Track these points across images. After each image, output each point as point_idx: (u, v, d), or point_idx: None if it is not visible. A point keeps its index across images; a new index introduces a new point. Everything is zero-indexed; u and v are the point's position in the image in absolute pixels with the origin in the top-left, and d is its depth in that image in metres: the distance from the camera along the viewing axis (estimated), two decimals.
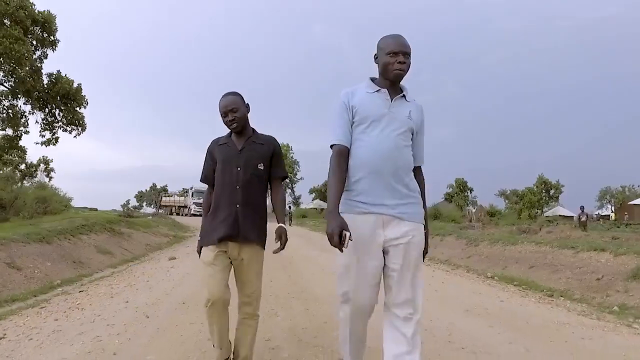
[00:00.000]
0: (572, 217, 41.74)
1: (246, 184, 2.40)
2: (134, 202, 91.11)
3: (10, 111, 16.33)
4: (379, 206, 2.01)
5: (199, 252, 2.49)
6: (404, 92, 2.15)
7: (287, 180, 55.62)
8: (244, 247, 2.39)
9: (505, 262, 8.75)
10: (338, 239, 1.80)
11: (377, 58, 2.14)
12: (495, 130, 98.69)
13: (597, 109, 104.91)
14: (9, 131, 17.14)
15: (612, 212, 42.17)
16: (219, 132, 2.67)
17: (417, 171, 2.22)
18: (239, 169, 2.41)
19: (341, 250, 1.85)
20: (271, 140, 2.57)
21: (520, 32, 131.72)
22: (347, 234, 1.80)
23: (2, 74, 15.94)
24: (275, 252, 2.38)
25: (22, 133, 17.00)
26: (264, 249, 2.47)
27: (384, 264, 2.04)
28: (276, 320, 3.79)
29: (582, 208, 16.23)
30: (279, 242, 2.42)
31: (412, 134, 2.15)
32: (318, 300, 4.58)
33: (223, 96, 2.48)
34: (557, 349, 3.36)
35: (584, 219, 15.17)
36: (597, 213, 46.68)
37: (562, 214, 41.99)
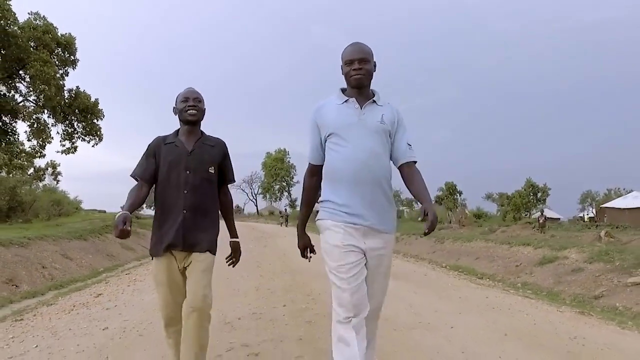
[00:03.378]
0: (559, 218, 44.01)
1: (195, 189, 2.26)
2: None
3: (36, 125, 18.31)
4: (360, 216, 2.03)
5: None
6: (374, 98, 2.14)
7: (285, 184, 57.66)
8: (192, 255, 2.27)
9: (459, 255, 10.77)
10: (303, 254, 2.31)
11: (342, 68, 2.17)
12: (490, 133, 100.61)
13: (591, 112, 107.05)
14: (34, 141, 19.11)
15: (593, 214, 44.26)
16: (216, 133, 2.53)
17: (411, 168, 2.11)
18: (188, 172, 2.26)
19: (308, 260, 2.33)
20: (221, 143, 2.45)
21: (517, 34, 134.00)
22: (310, 254, 2.31)
23: (30, 91, 17.97)
24: (229, 262, 2.49)
25: (46, 143, 18.97)
26: (214, 254, 2.35)
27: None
28: (274, 282, 6.04)
29: (542, 211, 18.48)
30: (234, 257, 2.48)
31: (390, 136, 2.12)
32: (301, 274, 6.75)
33: (187, 88, 2.41)
34: (436, 293, 5.55)
35: (542, 220, 17.37)
36: (581, 215, 48.95)
37: (549, 216, 44.09)
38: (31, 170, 33.24)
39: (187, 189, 2.24)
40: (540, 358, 2.85)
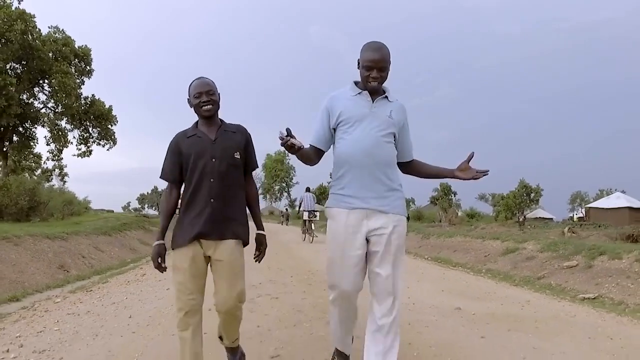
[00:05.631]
0: (552, 218, 45.43)
1: (222, 176, 2.24)
2: (134, 204, 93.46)
3: (56, 131, 19.74)
4: (361, 199, 2.16)
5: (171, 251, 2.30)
6: (385, 94, 2.27)
7: (285, 185, 59.13)
8: (220, 245, 2.23)
9: (441, 248, 12.25)
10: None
11: (359, 64, 2.22)
12: (486, 134, 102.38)
13: (588, 113, 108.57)
14: (52, 146, 20.55)
15: (583, 214, 45.74)
16: None
17: (412, 162, 2.40)
18: (214, 160, 2.24)
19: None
20: (242, 129, 2.42)
21: (516, 35, 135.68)
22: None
23: (49, 99, 19.40)
24: (256, 258, 2.41)
25: (64, 147, 20.40)
26: (247, 243, 2.33)
27: (368, 251, 2.19)
28: (281, 264, 7.58)
29: (522, 211, 20.07)
30: (258, 251, 2.40)
31: (395, 133, 2.26)
32: (302, 259, 8.33)
33: (197, 79, 2.32)
34: (414, 273, 6.96)
35: (521, 219, 18.96)
36: (571, 215, 50.48)
37: (542, 216, 45.49)
38: (38, 172, 34.59)
39: (213, 177, 2.23)
40: (457, 300, 4.39)
